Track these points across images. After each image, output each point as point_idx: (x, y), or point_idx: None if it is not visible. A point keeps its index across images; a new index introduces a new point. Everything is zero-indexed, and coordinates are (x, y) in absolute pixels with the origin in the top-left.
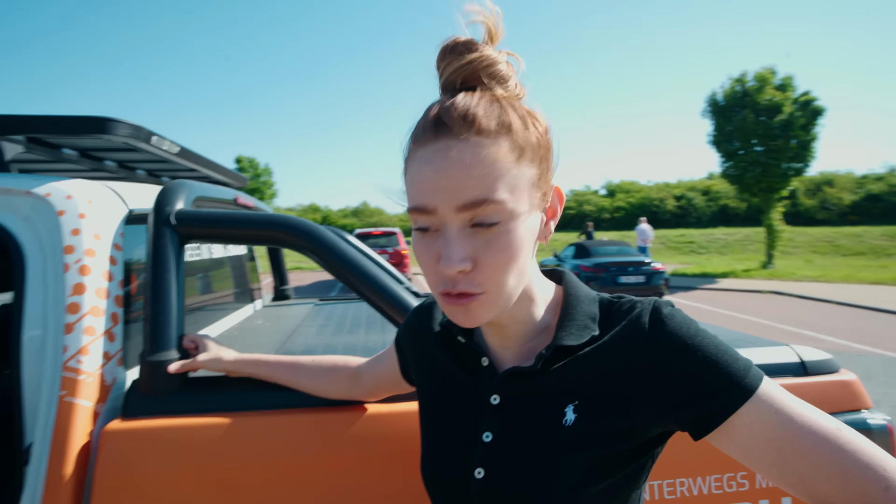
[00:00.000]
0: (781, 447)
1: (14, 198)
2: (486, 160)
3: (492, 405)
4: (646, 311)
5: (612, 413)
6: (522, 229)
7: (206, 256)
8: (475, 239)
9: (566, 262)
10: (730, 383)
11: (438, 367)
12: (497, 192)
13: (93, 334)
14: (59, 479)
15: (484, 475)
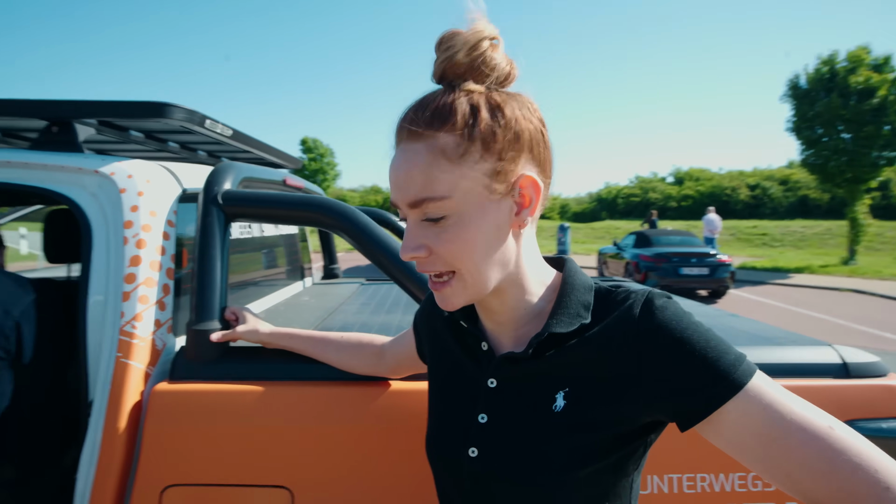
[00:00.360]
0: (768, 444)
1: (84, 176)
2: (423, 162)
3: (488, 388)
4: (637, 301)
5: (601, 401)
6: (476, 221)
7: (260, 235)
8: (429, 230)
9: (626, 251)
10: (717, 377)
11: (447, 350)
12: (435, 191)
13: (146, 303)
14: (114, 431)
15: (477, 455)
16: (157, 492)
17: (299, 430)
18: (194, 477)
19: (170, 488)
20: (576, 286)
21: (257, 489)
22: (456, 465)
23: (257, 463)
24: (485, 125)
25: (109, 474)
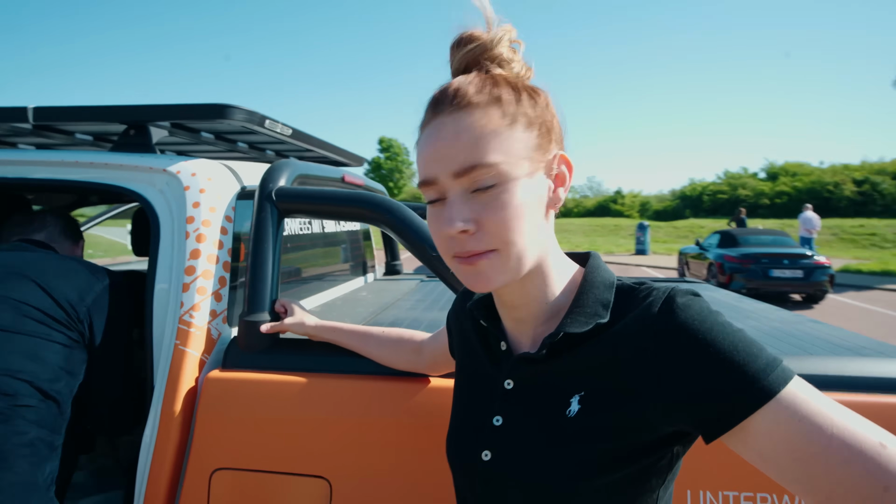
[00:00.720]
0: (806, 460)
1: (154, 174)
2: (474, 127)
3: (505, 389)
4: (658, 299)
5: (617, 406)
6: (523, 192)
7: (323, 231)
8: (476, 202)
9: (709, 252)
10: (744, 383)
11: (472, 349)
12: (487, 156)
13: (203, 294)
14: (170, 414)
15: (490, 458)
16: (207, 474)
17: (339, 423)
18: (240, 462)
19: (218, 471)
20: (595, 283)
21: (298, 478)
22: (471, 468)
23: (298, 452)
24: (527, 101)
25: (166, 456)
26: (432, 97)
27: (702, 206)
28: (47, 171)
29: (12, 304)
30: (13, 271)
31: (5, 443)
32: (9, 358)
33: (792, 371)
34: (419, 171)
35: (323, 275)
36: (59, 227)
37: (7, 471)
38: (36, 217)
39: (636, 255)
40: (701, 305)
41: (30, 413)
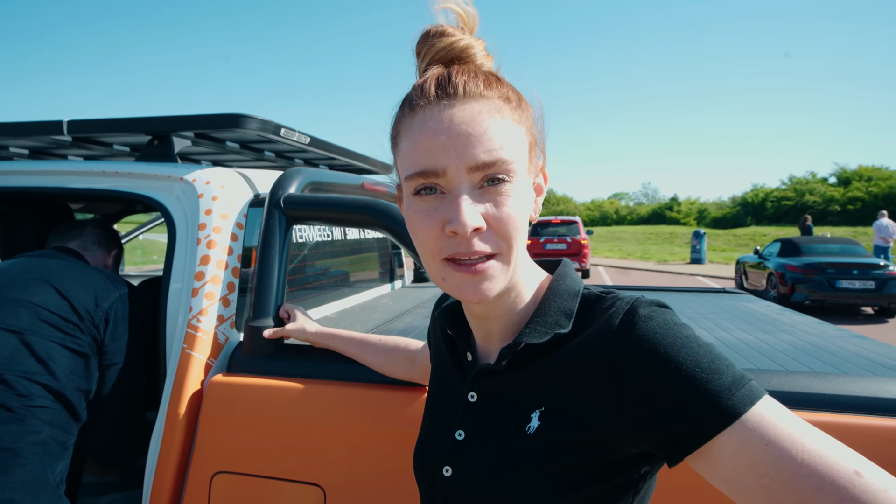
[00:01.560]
0: (773, 487)
1: (173, 183)
2: (496, 120)
3: (468, 402)
4: (620, 311)
5: (576, 423)
6: (522, 194)
7: (350, 238)
8: (484, 199)
9: (769, 261)
10: (707, 404)
11: (443, 359)
12: (508, 151)
13: (212, 299)
14: (175, 417)
15: (451, 474)
16: (209, 477)
17: (335, 430)
18: (240, 466)
19: (218, 475)
20: (559, 291)
21: (293, 484)
22: (432, 483)
23: (294, 459)
24: (524, 104)
25: (170, 457)
26: (429, 82)
27: (765, 213)
28: (78, 181)
29: (31, 309)
30: (37, 277)
31: (19, 441)
32: (25, 361)
33: (761, 390)
34: (416, 160)
35: (348, 281)
36: (94, 236)
37: (20, 468)
38: (76, 226)
39: (691, 264)
40: (665, 317)
41: (43, 413)
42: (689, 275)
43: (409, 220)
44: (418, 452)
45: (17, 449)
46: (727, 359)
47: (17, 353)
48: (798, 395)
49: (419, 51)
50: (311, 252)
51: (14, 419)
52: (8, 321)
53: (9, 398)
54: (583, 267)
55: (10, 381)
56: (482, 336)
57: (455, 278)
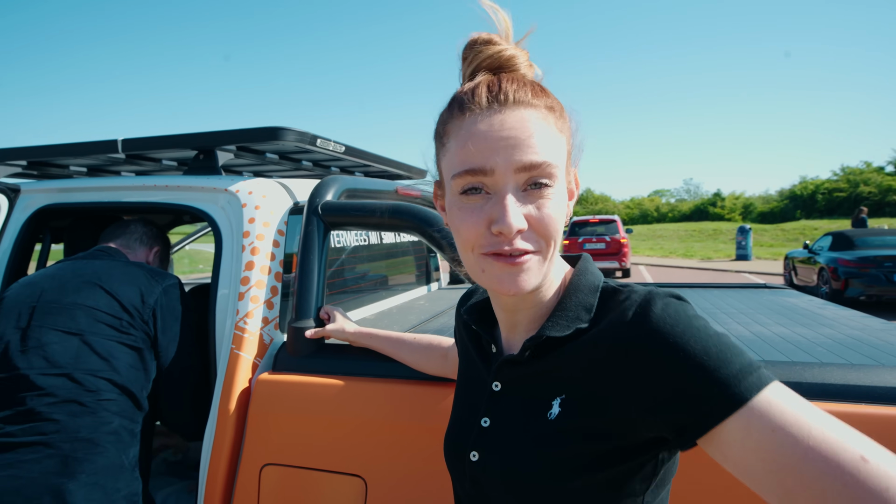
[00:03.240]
0: (780, 472)
1: (218, 194)
2: (542, 127)
3: (493, 391)
4: (634, 303)
5: (594, 410)
6: (561, 197)
7: (387, 242)
8: (527, 201)
9: (820, 255)
10: (715, 389)
11: (469, 353)
12: (552, 157)
13: (257, 302)
14: (226, 413)
15: (478, 459)
16: (258, 469)
17: (375, 424)
18: (286, 458)
19: (267, 466)
20: (580, 286)
21: (336, 476)
22: (461, 468)
23: (337, 452)
24: (565, 114)
25: (222, 450)
26: (480, 86)
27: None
28: (132, 195)
29: (86, 311)
30: (85, 280)
31: (95, 431)
32: (89, 360)
33: (770, 376)
34: (465, 158)
35: (386, 284)
36: (137, 234)
37: (99, 455)
38: (120, 225)
39: (736, 261)
40: (677, 309)
41: (112, 405)
42: (735, 272)
43: (453, 217)
44: (448, 440)
45: (94, 438)
46: (738, 347)
47: (81, 353)
48: (830, 387)
49: (465, 56)
50: (349, 256)
51: (87, 412)
52: (68, 325)
53: (80, 394)
54: (623, 266)
55: (79, 378)
56: (508, 328)
57: (495, 269)
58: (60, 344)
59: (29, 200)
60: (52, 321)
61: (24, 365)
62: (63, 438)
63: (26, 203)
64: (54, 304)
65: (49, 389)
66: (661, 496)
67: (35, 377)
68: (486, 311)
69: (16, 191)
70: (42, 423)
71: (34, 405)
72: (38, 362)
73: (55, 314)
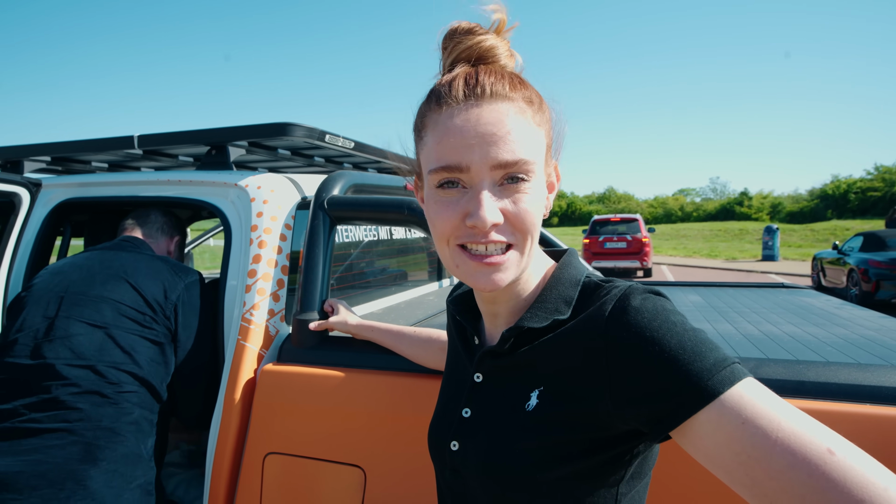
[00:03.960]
0: (749, 464)
1: (228, 189)
2: (520, 121)
3: (474, 382)
4: (613, 297)
5: (571, 402)
6: (538, 192)
7: (399, 237)
8: (503, 195)
9: (849, 256)
10: (687, 383)
11: (454, 345)
12: (527, 152)
13: (263, 294)
14: (231, 402)
15: (457, 448)
16: (261, 457)
17: (375, 416)
18: (289, 447)
19: (270, 455)
20: (562, 279)
21: (336, 465)
22: (442, 457)
23: (338, 442)
24: (545, 107)
25: (228, 439)
26: (456, 80)
27: (847, 205)
28: (149, 190)
29: (112, 304)
30: (112, 273)
31: (116, 421)
32: (112, 352)
33: (743, 372)
34: (442, 154)
35: (396, 279)
36: (158, 224)
37: (120, 444)
38: (141, 214)
39: (763, 262)
40: (654, 304)
41: (132, 397)
42: (760, 272)
43: (429, 210)
44: (431, 430)
45: (115, 428)
46: (713, 343)
47: (104, 345)
48: (833, 386)
49: (445, 46)
50: (359, 251)
51: (109, 403)
52: (94, 317)
53: (102, 386)
54: (644, 266)
55: (102, 371)
56: (490, 319)
57: (468, 266)
58: (86, 336)
59: (50, 195)
60: (79, 313)
61: (50, 354)
62: (86, 427)
63: (48, 198)
64: (81, 296)
65: (73, 380)
66: (637, 487)
67: (61, 367)
68: (470, 303)
69: (37, 185)
70: (66, 411)
71: (59, 394)
72: (64, 352)
73: (82, 306)
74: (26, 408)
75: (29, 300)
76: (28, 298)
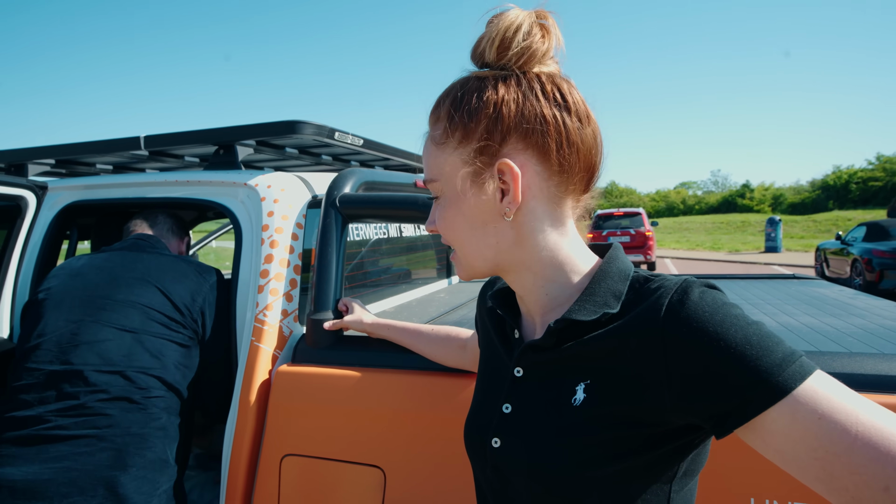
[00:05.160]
0: (828, 459)
1: (238, 188)
2: (424, 148)
3: (514, 377)
4: (668, 291)
5: (622, 397)
6: (457, 202)
7: (408, 235)
8: (436, 208)
9: (853, 246)
10: (758, 379)
11: (491, 339)
12: (429, 173)
13: (276, 295)
14: (246, 404)
15: (499, 445)
16: (278, 459)
17: (394, 415)
18: (306, 449)
19: (287, 457)
20: (610, 273)
21: (355, 466)
22: (482, 455)
23: (356, 442)
24: (467, 111)
25: (244, 440)
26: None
27: (849, 196)
28: (156, 191)
29: (140, 310)
30: (137, 276)
31: (144, 427)
32: (141, 357)
33: (813, 365)
34: None
35: (406, 277)
36: (168, 224)
37: (148, 450)
38: (149, 215)
39: (766, 253)
40: (714, 297)
41: (160, 402)
42: (764, 264)
43: None
44: (468, 426)
45: (144, 434)
46: (777, 336)
47: (133, 350)
48: (861, 377)
49: None
50: (369, 250)
51: (138, 409)
52: (122, 322)
53: (132, 391)
54: (648, 259)
55: (131, 376)
56: (525, 312)
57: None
58: (115, 341)
59: (56, 198)
60: (107, 317)
61: (78, 361)
62: (116, 433)
63: (54, 200)
64: (108, 300)
65: (102, 386)
66: (688, 486)
67: (89, 373)
68: (509, 297)
69: (43, 188)
70: (95, 417)
71: (87, 400)
72: (92, 358)
73: (109, 310)
74: (53, 414)
75: (48, 304)
76: (47, 302)
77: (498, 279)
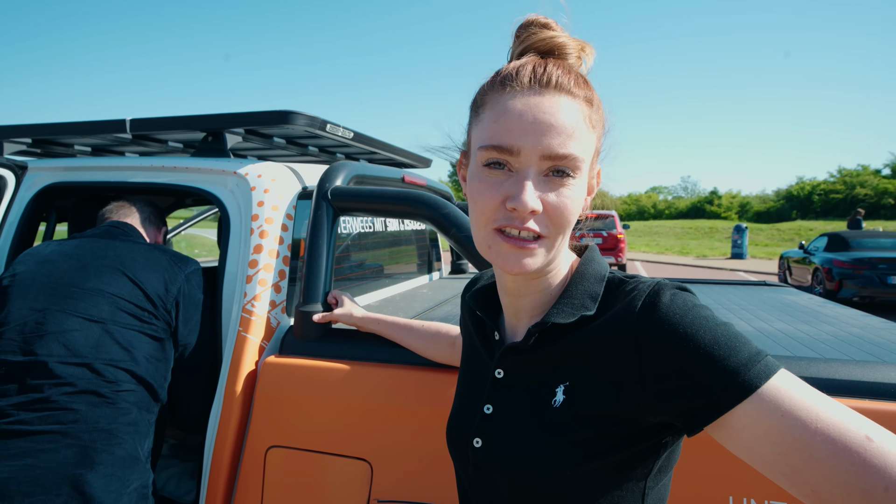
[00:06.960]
0: (790, 454)
1: (226, 177)
2: (576, 118)
3: (496, 378)
4: (641, 294)
5: (599, 398)
6: (580, 189)
7: (389, 230)
8: (546, 186)
9: (815, 256)
10: (725, 378)
11: (472, 340)
12: (579, 150)
13: (264, 285)
14: (232, 394)
15: (480, 445)
16: (263, 450)
17: (381, 409)
18: (292, 441)
19: (272, 448)
20: (587, 275)
21: (342, 459)
22: (464, 454)
23: (343, 435)
24: (602, 111)
25: (228, 432)
26: (527, 66)
27: (811, 206)
28: (140, 176)
29: (109, 299)
30: (108, 264)
31: (113, 422)
32: (110, 349)
33: (777, 364)
34: (495, 133)
35: (389, 272)
36: (145, 213)
37: (117, 446)
38: (125, 203)
39: (732, 259)
40: (685, 299)
41: (130, 396)
42: (730, 270)
43: (472, 187)
44: (450, 426)
45: (113, 430)
46: (745, 336)
47: (102, 342)
48: (836, 382)
49: (518, 35)
50: (353, 243)
51: (106, 403)
52: (90, 311)
53: (100, 385)
54: (619, 262)
55: (99, 369)
56: (512, 314)
57: (502, 248)
58: (82, 332)
59: (35, 178)
60: (73, 306)
61: (42, 351)
62: (82, 429)
63: (33, 181)
64: (75, 288)
65: (68, 378)
66: (662, 482)
67: (54, 365)
68: (490, 298)
69: (23, 168)
70: (60, 412)
71: (51, 394)
72: (57, 349)
73: (76, 299)
74: (14, 408)
75: (13, 291)
76: (12, 289)
77: (480, 278)
